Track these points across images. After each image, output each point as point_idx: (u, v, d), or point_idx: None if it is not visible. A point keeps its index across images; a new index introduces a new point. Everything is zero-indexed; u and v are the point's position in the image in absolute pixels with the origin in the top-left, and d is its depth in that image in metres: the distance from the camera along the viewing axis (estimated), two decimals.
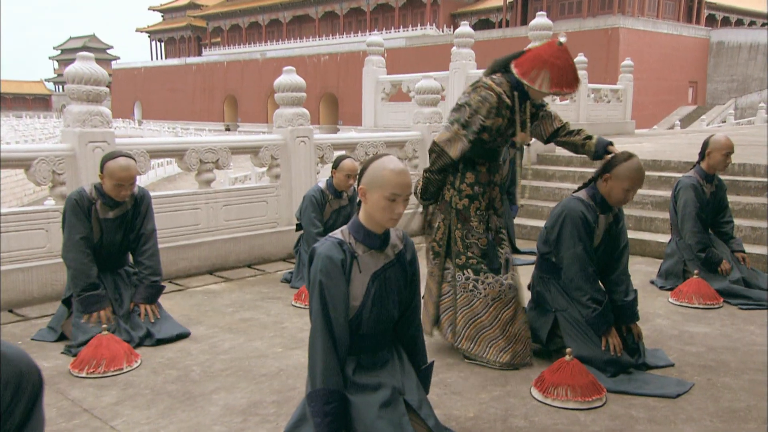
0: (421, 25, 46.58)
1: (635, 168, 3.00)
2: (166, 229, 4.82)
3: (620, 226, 3.22)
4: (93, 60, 4.47)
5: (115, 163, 3.32)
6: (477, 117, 3.04)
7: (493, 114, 3.05)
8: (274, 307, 4.19)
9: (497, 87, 3.07)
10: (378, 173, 2.11)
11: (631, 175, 2.99)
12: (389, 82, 10.78)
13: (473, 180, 3.19)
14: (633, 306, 3.20)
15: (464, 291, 3.21)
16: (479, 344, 3.17)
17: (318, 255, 2.13)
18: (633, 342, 3.17)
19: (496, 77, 3.12)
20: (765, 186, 5.95)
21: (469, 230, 3.20)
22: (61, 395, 2.83)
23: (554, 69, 2.93)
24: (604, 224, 3.14)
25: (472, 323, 3.19)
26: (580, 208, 3.07)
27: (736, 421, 2.60)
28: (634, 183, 3.01)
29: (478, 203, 3.20)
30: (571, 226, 3.06)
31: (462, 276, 3.22)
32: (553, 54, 2.94)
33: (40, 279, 4.20)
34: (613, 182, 3.03)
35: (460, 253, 3.22)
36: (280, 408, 2.71)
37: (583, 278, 3.05)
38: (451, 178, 3.21)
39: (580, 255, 3.04)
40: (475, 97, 3.07)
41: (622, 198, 3.04)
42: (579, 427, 2.55)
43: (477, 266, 3.19)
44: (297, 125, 5.65)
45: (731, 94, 35.03)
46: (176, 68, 59.04)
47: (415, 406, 2.21)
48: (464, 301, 3.22)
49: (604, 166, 3.08)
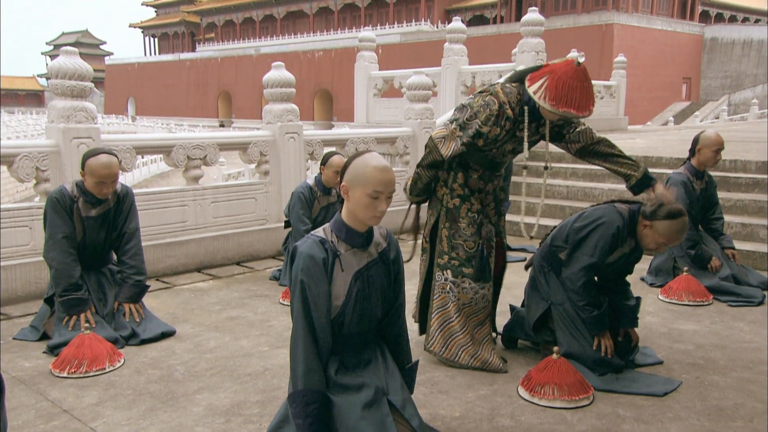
0: (416, 21, 46.45)
1: (677, 230, 2.87)
2: (153, 227, 4.77)
3: (638, 255, 3.16)
4: (77, 55, 4.40)
5: (96, 160, 3.27)
6: (475, 121, 2.95)
7: (491, 122, 2.93)
8: (262, 305, 4.15)
9: (503, 96, 2.95)
10: (360, 170, 2.07)
11: (670, 235, 2.88)
12: (381, 78, 10.74)
13: (463, 181, 3.13)
14: (634, 311, 3.17)
15: (441, 292, 3.17)
16: (450, 349, 3.13)
17: (299, 254, 2.10)
18: (628, 346, 3.14)
19: (509, 86, 3.00)
20: (755, 182, 5.94)
21: (457, 231, 3.13)
22: (40, 396, 2.79)
23: (564, 87, 2.78)
24: (629, 248, 3.08)
25: (444, 326, 3.15)
26: (619, 222, 2.97)
27: (723, 420, 2.58)
28: (670, 241, 2.92)
29: (469, 204, 3.13)
30: (600, 235, 2.97)
31: (441, 276, 3.17)
32: (567, 72, 2.79)
33: (23, 277, 4.15)
34: (650, 231, 2.93)
35: (443, 252, 3.17)
36: (263, 408, 2.67)
37: (585, 288, 2.99)
38: (445, 175, 3.15)
39: (591, 266, 2.98)
40: (479, 100, 2.98)
41: (653, 248, 2.97)
42: (565, 426, 2.52)
43: (458, 269, 3.13)
44: (286, 121, 5.60)
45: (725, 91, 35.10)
46: (170, 64, 58.74)
47: (399, 406, 2.18)
48: (440, 302, 3.18)
49: (651, 212, 2.93)
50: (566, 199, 6.79)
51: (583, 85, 2.79)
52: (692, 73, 36.89)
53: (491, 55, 20.80)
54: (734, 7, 44.70)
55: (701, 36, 36.98)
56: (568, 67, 2.80)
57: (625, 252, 3.08)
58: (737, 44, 35.78)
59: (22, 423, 2.54)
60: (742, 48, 35.51)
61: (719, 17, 43.66)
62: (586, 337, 3.02)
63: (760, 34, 35.20)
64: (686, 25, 36.95)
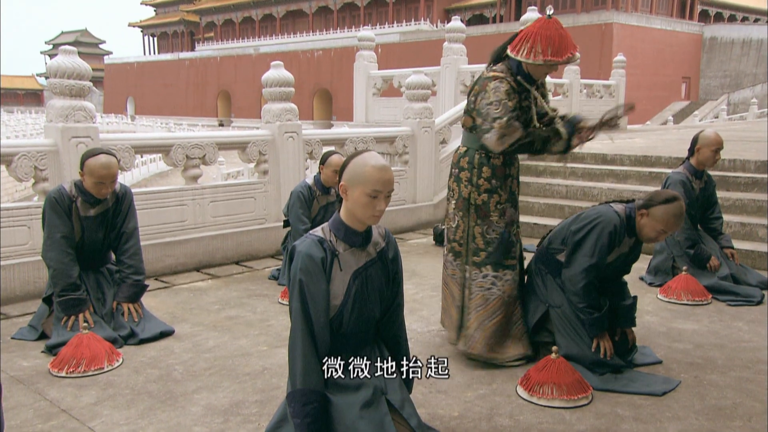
0: (415, 20, 46.41)
1: (674, 213, 2.87)
2: (152, 226, 4.77)
3: (636, 254, 3.16)
4: (76, 54, 4.40)
5: (95, 160, 3.26)
6: (503, 102, 2.95)
7: (511, 95, 2.99)
8: (261, 305, 4.14)
9: (501, 74, 3.03)
10: (359, 169, 2.07)
11: (668, 220, 2.88)
12: (380, 77, 10.73)
13: (490, 174, 3.13)
14: (631, 311, 3.17)
15: (480, 290, 3.15)
16: (493, 348, 3.09)
17: (298, 253, 2.10)
18: (625, 346, 3.13)
19: (497, 67, 3.09)
20: (754, 182, 5.95)
21: (490, 225, 3.14)
22: (39, 395, 2.78)
23: (544, 39, 2.91)
24: (627, 247, 3.08)
25: (486, 324, 3.12)
26: (616, 221, 2.97)
27: (721, 419, 2.58)
28: (668, 227, 2.91)
29: (498, 197, 3.14)
30: (598, 235, 2.97)
31: (479, 274, 3.15)
32: (542, 26, 2.94)
33: (22, 276, 4.14)
34: (648, 220, 2.93)
35: (479, 250, 3.16)
36: (262, 408, 2.67)
37: (584, 290, 2.98)
38: (468, 174, 3.16)
39: (592, 267, 2.97)
40: (489, 90, 2.99)
41: (653, 238, 2.96)
42: (564, 426, 2.52)
43: (498, 262, 3.14)
44: (285, 120, 5.59)
45: (724, 90, 35.09)
46: (169, 63, 58.67)
47: (398, 405, 2.18)
48: (479, 300, 3.15)
49: (645, 201, 2.96)
50: (565, 198, 6.79)
51: (559, 33, 2.93)
52: (691, 73, 36.89)
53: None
54: (733, 7, 44.69)
55: (700, 35, 36.98)
56: (540, 22, 2.97)
57: (623, 252, 3.07)
58: (736, 44, 35.77)
59: (21, 422, 2.54)
60: (742, 47, 35.51)
61: (718, 17, 43.65)
62: (584, 340, 3.01)
63: (760, 34, 35.20)
64: (685, 25, 36.95)
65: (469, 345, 3.13)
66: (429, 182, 6.91)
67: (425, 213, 6.88)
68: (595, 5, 36.64)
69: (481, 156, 3.13)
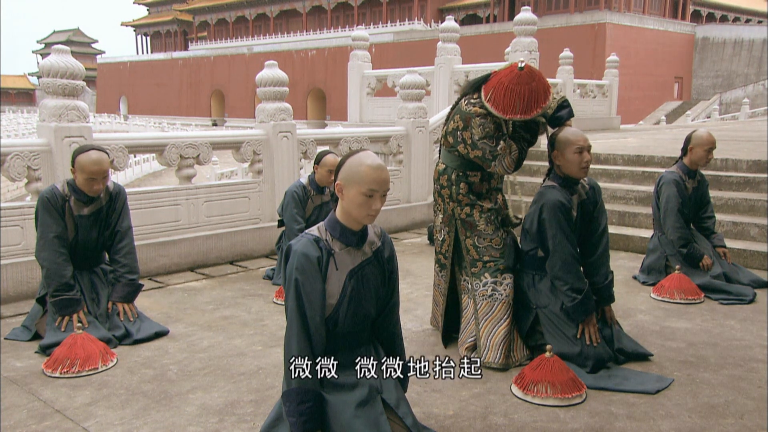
0: (409, 20, 46.43)
1: (572, 132, 3.05)
2: (146, 226, 4.75)
3: (598, 207, 3.23)
4: (69, 53, 4.37)
5: (86, 156, 3.26)
6: (494, 137, 3.05)
7: (493, 125, 3.07)
8: (255, 305, 4.14)
9: (482, 110, 3.07)
10: (355, 169, 2.07)
11: (572, 138, 3.03)
12: (374, 77, 10.73)
13: (467, 190, 3.22)
14: (609, 287, 3.23)
15: (483, 299, 3.19)
16: (504, 354, 3.11)
17: (294, 252, 2.10)
18: (607, 330, 3.17)
19: (476, 100, 3.12)
20: (746, 181, 5.99)
21: (479, 235, 3.21)
22: (33, 396, 2.77)
23: (509, 94, 2.92)
24: (576, 201, 3.16)
25: (495, 331, 3.14)
26: (557, 196, 3.07)
27: (714, 417, 2.60)
28: (579, 143, 3.02)
29: (480, 207, 3.21)
30: (549, 214, 3.06)
31: (479, 284, 3.20)
32: (512, 80, 2.93)
33: (15, 277, 4.12)
34: (562, 153, 3.06)
35: (475, 261, 3.22)
36: (257, 407, 2.67)
37: (563, 269, 3.04)
38: (448, 191, 3.24)
39: (561, 245, 3.04)
40: (476, 132, 3.06)
41: (578, 162, 3.04)
42: (558, 424, 2.54)
43: (495, 268, 3.18)
44: (279, 120, 5.58)
45: (716, 90, 35.29)
46: (162, 63, 58.46)
47: (393, 404, 2.18)
48: (485, 309, 3.18)
49: (548, 147, 3.14)
50: None
51: (530, 87, 2.92)
52: (684, 73, 37.07)
53: (484, 54, 20.84)
54: (726, 7, 44.95)
55: (693, 35, 37.17)
56: (512, 74, 2.94)
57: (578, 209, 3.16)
58: (728, 44, 35.98)
59: (14, 423, 2.53)
60: (734, 47, 35.72)
61: (710, 17, 43.90)
62: (573, 338, 3.05)
63: (751, 34, 35.44)
64: (678, 25, 37.13)
65: (484, 356, 3.13)
66: (423, 182, 6.92)
67: (419, 212, 6.89)
68: (588, 5, 36.76)
69: (459, 174, 3.22)
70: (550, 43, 21.65)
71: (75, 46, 73.34)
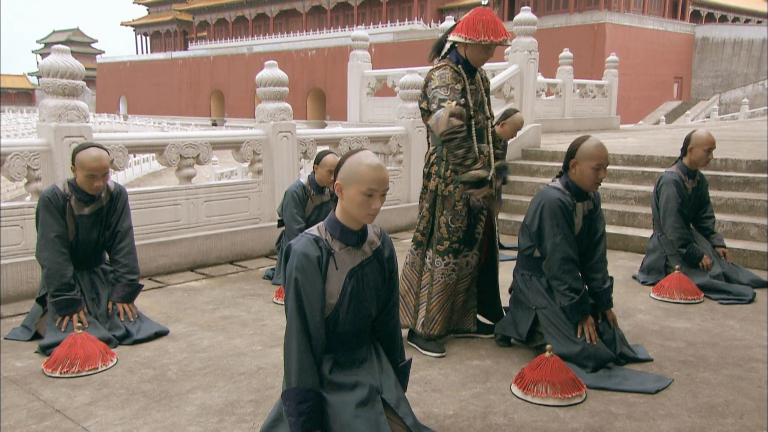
0: (409, 20, 46.44)
1: (595, 145, 3.04)
2: (146, 226, 4.75)
3: (597, 213, 3.24)
4: (69, 53, 4.37)
5: (86, 153, 3.26)
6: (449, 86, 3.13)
7: (455, 78, 3.16)
8: (255, 305, 4.14)
9: (443, 63, 3.21)
10: (354, 168, 2.08)
11: (594, 153, 3.02)
12: (374, 77, 10.72)
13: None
14: (608, 293, 3.23)
15: (442, 276, 3.29)
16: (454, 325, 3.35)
17: (294, 252, 2.10)
18: (610, 332, 3.17)
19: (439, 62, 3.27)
20: (746, 181, 5.99)
21: (455, 215, 3.26)
22: (32, 396, 2.77)
23: (478, 23, 3.11)
24: (582, 211, 3.16)
25: (446, 305, 3.30)
26: (557, 195, 3.08)
27: (714, 417, 2.60)
28: (600, 160, 3.02)
29: (464, 187, 3.24)
30: (550, 214, 3.06)
31: (441, 262, 3.29)
32: (478, 12, 3.15)
33: (14, 276, 4.12)
34: (580, 165, 3.05)
35: (443, 239, 3.28)
36: (257, 407, 2.67)
37: (561, 269, 3.05)
38: (437, 168, 3.28)
39: (560, 245, 3.04)
40: (434, 77, 3.18)
41: (593, 178, 3.04)
42: (558, 424, 2.54)
43: (458, 249, 3.28)
44: (279, 120, 5.59)
45: (715, 90, 35.33)
46: (162, 63, 58.48)
47: (393, 404, 2.18)
48: (441, 287, 3.30)
49: (568, 153, 3.13)
50: None
51: (494, 18, 3.15)
52: (683, 73, 37.11)
53: None
54: (725, 7, 44.98)
55: (692, 36, 37.21)
56: (476, 10, 3.18)
57: (583, 217, 3.15)
58: (728, 44, 36.01)
59: (14, 423, 2.53)
60: (733, 48, 35.75)
61: (710, 17, 43.92)
62: (573, 338, 3.05)
63: (751, 34, 35.47)
64: (677, 25, 37.16)
65: (430, 328, 3.28)
66: None
67: None
68: (588, 5, 36.78)
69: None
70: (550, 43, 21.67)
71: (75, 45, 73.36)
